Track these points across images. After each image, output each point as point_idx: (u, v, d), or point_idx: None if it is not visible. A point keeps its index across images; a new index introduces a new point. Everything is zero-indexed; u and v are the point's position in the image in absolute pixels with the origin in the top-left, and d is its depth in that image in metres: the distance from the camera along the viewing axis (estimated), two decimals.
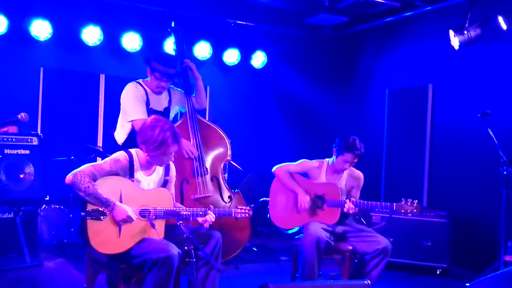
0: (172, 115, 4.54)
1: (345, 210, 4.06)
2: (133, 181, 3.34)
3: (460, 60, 5.70)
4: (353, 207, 4.04)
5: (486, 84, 5.47)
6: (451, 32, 5.04)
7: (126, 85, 4.31)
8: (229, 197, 4.49)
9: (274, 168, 4.41)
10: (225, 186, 4.53)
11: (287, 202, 4.33)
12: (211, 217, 3.47)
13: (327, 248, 4.01)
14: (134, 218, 3.21)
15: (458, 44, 5.01)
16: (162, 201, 3.37)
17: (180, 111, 4.73)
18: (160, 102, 4.39)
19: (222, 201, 4.44)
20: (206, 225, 3.48)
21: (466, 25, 4.92)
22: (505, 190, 4.49)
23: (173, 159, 3.45)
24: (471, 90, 5.64)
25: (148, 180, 3.45)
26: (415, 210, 4.00)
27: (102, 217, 3.17)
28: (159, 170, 3.52)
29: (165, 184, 3.55)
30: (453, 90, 5.84)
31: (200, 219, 3.49)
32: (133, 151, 3.41)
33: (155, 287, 3.11)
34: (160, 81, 4.28)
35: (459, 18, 5.05)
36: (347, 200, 4.07)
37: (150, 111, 4.26)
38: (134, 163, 3.37)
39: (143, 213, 3.28)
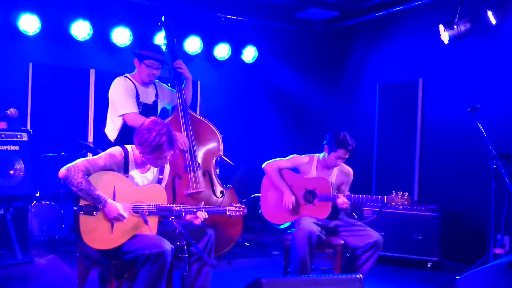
0: (159, 109, 4.53)
1: (338, 205, 4.07)
2: (127, 177, 3.33)
3: (450, 54, 5.73)
4: (347, 201, 4.05)
5: (475, 79, 5.51)
6: (441, 27, 5.06)
7: (114, 80, 4.29)
8: (221, 192, 4.48)
9: (264, 164, 4.41)
10: (217, 181, 4.52)
11: (278, 197, 4.33)
12: (202, 215, 3.46)
13: (319, 243, 4.03)
14: (125, 217, 3.19)
15: (448, 38, 5.04)
16: (156, 197, 3.36)
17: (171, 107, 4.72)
18: (148, 95, 4.38)
19: (215, 196, 4.43)
20: (197, 222, 3.46)
21: (456, 19, 4.95)
22: (495, 184, 4.53)
23: (167, 162, 3.45)
24: (461, 84, 5.67)
25: (142, 177, 3.44)
26: (405, 203, 4.02)
27: (94, 212, 3.16)
28: (154, 169, 3.51)
29: (159, 182, 3.54)
30: (443, 85, 5.88)
31: (188, 216, 3.47)
32: (129, 147, 3.40)
33: (148, 283, 3.11)
34: (151, 68, 4.27)
35: (449, 12, 5.08)
36: (340, 195, 4.09)
37: (140, 105, 4.25)
38: (129, 159, 3.36)
39: (136, 209, 3.27)
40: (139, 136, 3.29)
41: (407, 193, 4.04)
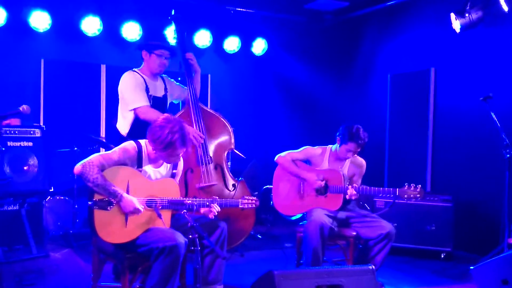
0: (168, 103, 4.54)
1: (347, 196, 4.06)
2: (140, 171, 3.36)
3: (461, 43, 5.66)
4: (355, 193, 4.04)
5: (488, 67, 5.45)
6: (453, 15, 5.00)
7: (123, 74, 4.31)
8: (233, 185, 4.50)
9: (276, 157, 4.41)
10: (229, 174, 4.53)
11: (290, 189, 4.34)
12: (215, 209, 3.48)
13: (331, 234, 4.03)
14: (141, 210, 3.23)
15: (460, 27, 4.98)
16: (169, 191, 3.39)
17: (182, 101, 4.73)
18: (157, 88, 4.39)
19: (227, 190, 4.45)
20: (211, 216, 3.49)
21: (467, 8, 4.89)
22: (508, 173, 4.49)
23: (180, 159, 3.47)
24: (473, 73, 5.61)
25: (155, 172, 3.47)
26: (418, 195, 3.99)
27: (109, 207, 3.19)
28: (167, 164, 3.53)
29: (172, 177, 3.56)
30: (455, 74, 5.82)
31: (202, 210, 3.50)
32: (142, 142, 3.42)
33: (162, 275, 3.14)
34: (161, 57, 4.31)
35: (461, 1, 5.01)
36: (349, 186, 4.08)
37: (150, 98, 4.26)
38: (143, 154, 3.38)
39: (150, 203, 3.29)
40: (152, 133, 3.31)
41: (420, 185, 4.01)
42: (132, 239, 3.23)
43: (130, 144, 3.38)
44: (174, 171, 3.57)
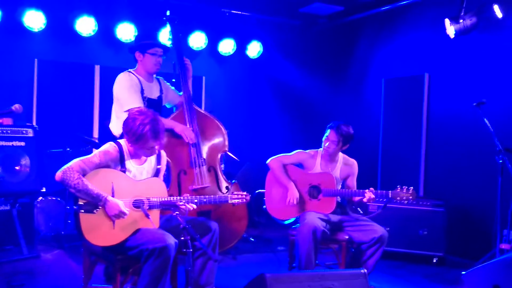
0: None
1: (365, 200, 4.04)
2: (124, 171, 3.33)
3: (456, 49, 5.69)
4: (374, 196, 4.00)
5: (482, 73, 5.47)
6: (447, 21, 5.03)
7: (119, 75, 4.28)
8: (227, 187, 4.48)
9: (268, 160, 4.41)
10: (223, 176, 4.52)
11: (282, 193, 4.32)
12: (190, 206, 3.37)
13: (324, 238, 4.02)
14: (127, 213, 3.19)
15: (454, 32, 5.01)
16: (155, 191, 3.36)
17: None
18: (153, 90, 4.37)
19: (220, 192, 4.44)
20: (182, 210, 3.36)
21: (462, 13, 4.92)
22: (501, 179, 4.51)
23: (156, 152, 3.41)
24: (467, 79, 5.64)
25: (140, 169, 3.43)
26: (410, 197, 3.99)
27: (95, 210, 3.15)
28: (151, 160, 3.50)
29: (157, 173, 3.54)
30: (449, 79, 5.84)
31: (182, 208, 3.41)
32: (122, 141, 3.39)
33: (152, 277, 3.11)
34: (156, 56, 4.28)
35: (455, 6, 5.04)
36: (367, 190, 4.04)
37: (144, 100, 4.25)
38: (124, 153, 3.35)
39: (137, 204, 3.27)
40: (125, 125, 3.30)
41: (412, 187, 4.02)
42: (120, 241, 3.20)
43: (110, 146, 3.34)
44: (158, 166, 3.54)
